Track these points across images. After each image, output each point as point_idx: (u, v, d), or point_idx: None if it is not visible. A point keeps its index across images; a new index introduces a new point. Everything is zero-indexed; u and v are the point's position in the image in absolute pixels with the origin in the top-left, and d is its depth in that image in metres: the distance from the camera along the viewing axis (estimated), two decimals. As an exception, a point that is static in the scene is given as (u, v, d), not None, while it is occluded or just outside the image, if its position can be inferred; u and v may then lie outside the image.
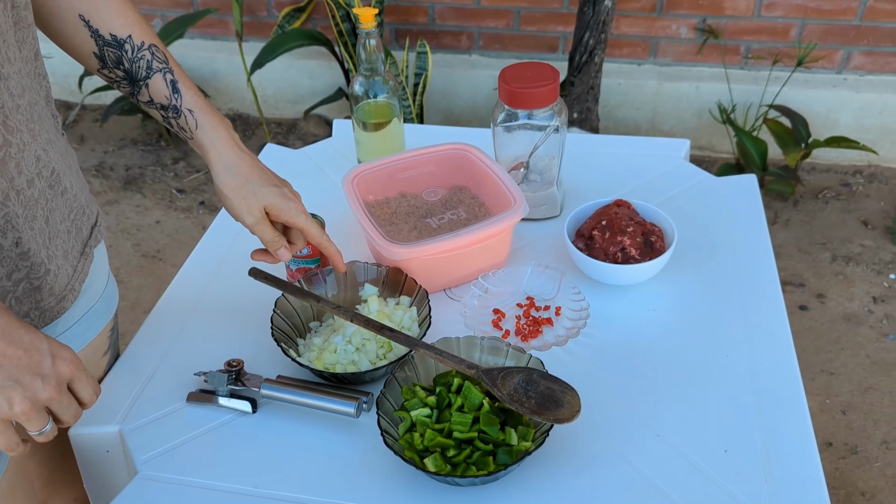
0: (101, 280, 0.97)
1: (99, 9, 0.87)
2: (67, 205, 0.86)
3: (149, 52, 0.89)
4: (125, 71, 0.89)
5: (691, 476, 0.83)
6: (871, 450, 1.87)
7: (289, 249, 0.98)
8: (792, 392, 0.91)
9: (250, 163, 0.94)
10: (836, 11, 2.52)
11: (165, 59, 0.91)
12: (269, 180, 0.95)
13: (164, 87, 0.90)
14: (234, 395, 0.93)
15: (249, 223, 0.94)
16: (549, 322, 1.02)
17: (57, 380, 0.72)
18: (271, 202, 0.94)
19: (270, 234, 0.95)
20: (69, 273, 0.87)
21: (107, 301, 0.99)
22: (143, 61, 0.89)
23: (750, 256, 1.10)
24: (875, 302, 2.24)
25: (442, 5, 2.73)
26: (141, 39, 0.89)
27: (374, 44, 1.19)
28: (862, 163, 2.72)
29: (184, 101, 0.91)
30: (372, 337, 0.96)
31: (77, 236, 0.89)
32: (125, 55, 0.89)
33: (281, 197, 0.94)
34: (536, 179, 1.19)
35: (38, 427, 0.72)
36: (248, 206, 0.93)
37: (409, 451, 0.83)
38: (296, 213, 0.95)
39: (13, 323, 0.69)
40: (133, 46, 0.89)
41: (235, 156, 0.93)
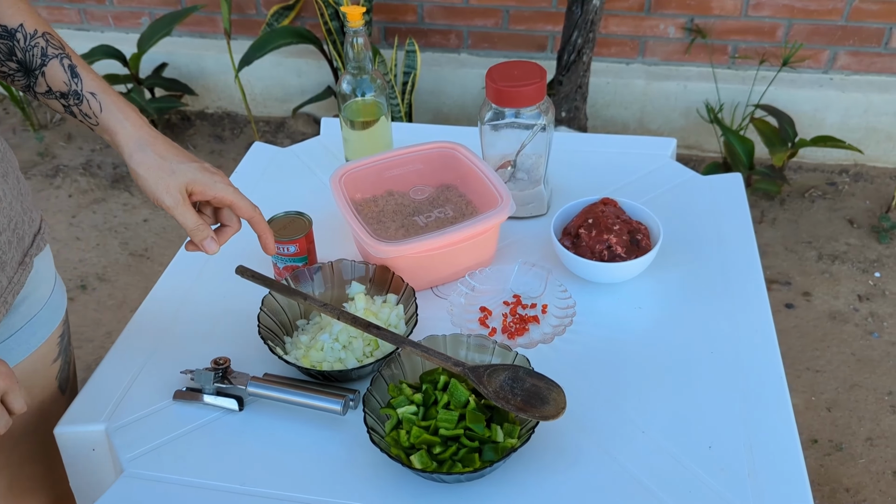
0: (45, 286, 0.94)
1: None
2: (3, 215, 0.83)
3: (42, 39, 0.84)
4: (18, 62, 0.84)
5: (676, 472, 0.84)
6: (856, 446, 1.88)
7: (216, 241, 0.90)
8: (776, 389, 0.92)
9: (164, 141, 0.87)
10: (823, 12, 2.54)
11: (61, 46, 0.85)
12: (186, 157, 0.88)
13: (61, 73, 0.84)
14: (220, 393, 0.93)
15: (169, 204, 0.86)
16: (535, 320, 1.03)
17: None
18: (192, 177, 0.86)
19: (193, 219, 0.87)
20: (3, 285, 0.84)
21: (53, 308, 0.95)
22: (37, 49, 0.84)
23: (735, 254, 1.11)
24: (860, 300, 2.26)
25: (431, 4, 2.73)
26: (34, 28, 0.84)
27: (362, 42, 1.19)
28: (848, 162, 2.74)
29: (84, 84, 0.85)
30: (359, 335, 0.96)
31: (17, 246, 0.86)
32: (17, 44, 0.83)
33: (202, 171, 0.87)
34: (523, 178, 1.20)
35: None
36: (166, 186, 0.85)
37: (396, 449, 0.83)
38: (222, 187, 0.88)
39: None
40: (25, 35, 0.83)
41: (147, 134, 0.86)
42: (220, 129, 3.03)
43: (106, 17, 3.03)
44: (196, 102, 3.07)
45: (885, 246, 2.43)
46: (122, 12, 3.00)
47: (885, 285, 2.30)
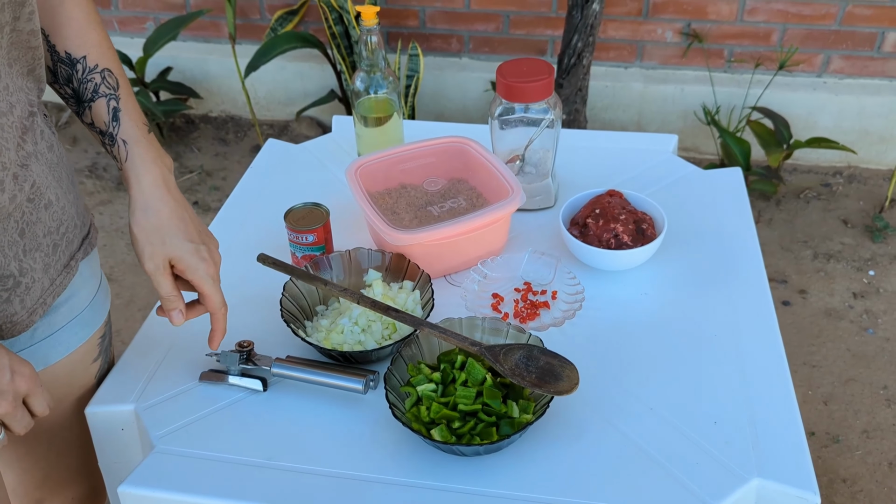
0: (90, 288, 0.96)
1: (60, 25, 0.86)
2: (53, 218, 0.85)
3: (99, 75, 0.88)
4: (73, 90, 0.88)
5: (683, 445, 0.88)
6: (853, 438, 1.93)
7: (183, 314, 0.91)
8: (776, 367, 0.96)
9: (173, 209, 0.88)
10: (816, 17, 2.59)
11: (115, 86, 0.88)
12: (186, 234, 0.88)
13: (104, 113, 0.88)
14: (245, 375, 0.97)
15: (149, 269, 0.87)
16: (545, 305, 1.07)
17: (14, 395, 0.75)
18: (178, 255, 0.87)
19: (167, 288, 0.88)
20: (44, 286, 0.86)
21: (95, 309, 0.97)
22: (91, 84, 0.87)
23: (735, 243, 1.16)
24: (855, 297, 2.31)
25: (433, 9, 2.78)
26: (95, 62, 0.88)
27: (376, 41, 1.23)
28: (841, 164, 2.79)
29: (121, 130, 0.88)
30: (377, 318, 1.00)
31: (65, 249, 0.88)
32: (75, 75, 0.87)
33: (192, 254, 0.88)
34: (532, 171, 1.24)
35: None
36: (151, 252, 0.87)
37: (417, 424, 0.87)
38: (202, 276, 0.89)
39: None
40: (85, 68, 0.87)
41: (158, 198, 0.88)
42: (224, 132, 3.07)
43: (111, 22, 3.07)
44: (200, 106, 3.11)
45: (879, 245, 2.48)
46: (127, 17, 3.04)
47: (879, 283, 2.35)
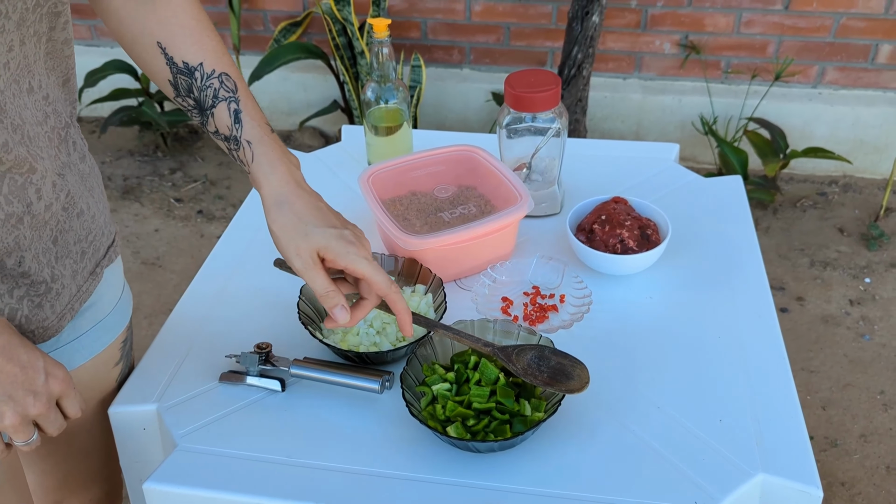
0: (113, 294, 0.98)
1: (174, 35, 0.85)
2: (84, 226, 0.87)
3: (217, 80, 0.86)
4: (195, 99, 0.87)
5: (691, 442, 0.91)
6: (850, 443, 1.96)
7: (347, 309, 0.86)
8: (777, 366, 0.99)
9: (307, 201, 0.86)
10: (811, 29, 2.64)
11: (234, 89, 0.87)
12: (326, 221, 0.85)
13: (226, 117, 0.86)
14: (263, 375, 1.00)
15: (299, 267, 0.84)
16: (554, 308, 1.10)
17: (48, 397, 0.77)
18: (325, 244, 0.83)
19: (323, 284, 0.84)
20: (72, 293, 0.87)
21: (118, 315, 0.99)
22: (210, 90, 0.86)
23: (737, 247, 1.19)
24: (851, 304, 2.35)
25: (434, 20, 2.83)
26: (212, 67, 0.86)
27: (387, 52, 1.27)
28: (837, 173, 2.84)
29: (244, 131, 0.86)
30: (392, 321, 1.03)
31: (92, 257, 0.90)
32: (195, 83, 0.86)
33: (337, 238, 0.84)
34: (538, 179, 1.28)
35: (25, 439, 0.77)
36: (296, 248, 0.84)
37: (432, 422, 0.90)
38: (355, 258, 0.84)
39: (13, 341, 0.74)
40: (203, 74, 0.86)
41: (290, 192, 0.86)
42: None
43: (116, 34, 3.11)
44: (204, 116, 3.14)
45: (874, 253, 2.53)
46: (132, 29, 3.08)
47: (875, 290, 2.39)
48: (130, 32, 0.87)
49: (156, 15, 0.86)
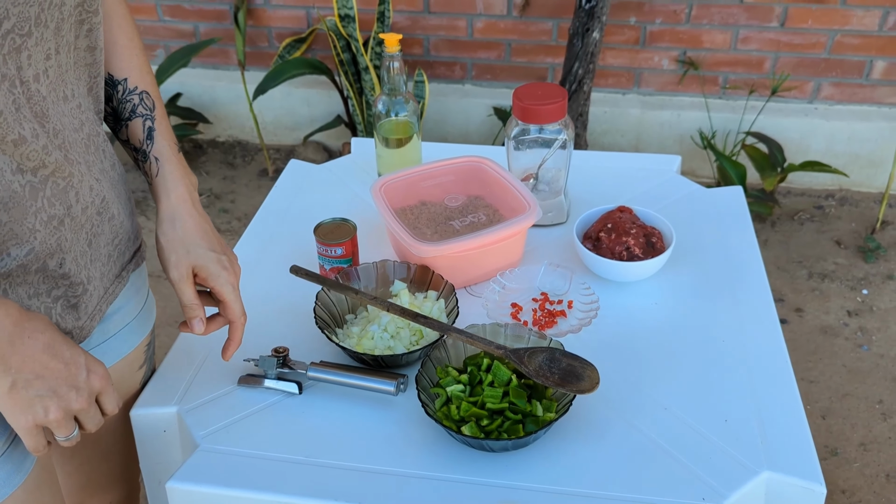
0: (139, 298, 1.02)
1: (105, 50, 0.91)
2: (113, 231, 0.91)
3: (137, 97, 0.94)
4: (112, 108, 0.94)
5: (697, 441, 0.94)
6: (850, 451, 1.99)
7: (204, 322, 0.95)
8: (780, 368, 1.03)
9: (197, 221, 0.94)
10: (807, 45, 2.70)
11: (152, 107, 0.94)
12: (209, 244, 0.93)
13: (140, 132, 0.94)
14: (281, 378, 1.03)
15: (173, 278, 0.92)
16: (562, 314, 1.13)
17: (89, 392, 0.79)
18: (201, 264, 0.92)
19: (190, 296, 0.93)
20: (100, 294, 0.91)
21: (143, 319, 1.04)
22: (129, 104, 0.93)
23: (739, 254, 1.23)
24: (850, 315, 2.38)
25: (437, 37, 2.88)
26: (135, 84, 0.94)
27: (397, 66, 1.31)
28: (834, 187, 2.88)
29: (154, 148, 0.94)
30: (405, 325, 1.06)
31: (118, 260, 0.94)
32: (115, 94, 0.93)
33: (214, 262, 0.93)
34: (545, 189, 1.31)
35: (66, 434, 0.79)
36: (176, 260, 0.92)
37: (447, 422, 0.93)
38: (224, 283, 0.93)
39: (57, 338, 0.77)
40: (125, 89, 0.93)
41: (184, 210, 0.93)
42: (232, 156, 3.14)
43: (122, 50, 3.15)
44: (209, 131, 3.19)
45: (871, 265, 2.56)
46: (139, 45, 3.12)
47: (873, 302, 2.43)
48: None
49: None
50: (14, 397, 0.74)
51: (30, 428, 0.76)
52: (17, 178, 0.75)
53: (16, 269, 0.79)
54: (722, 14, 2.67)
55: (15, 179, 0.75)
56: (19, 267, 0.79)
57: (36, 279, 0.81)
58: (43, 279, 0.82)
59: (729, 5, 2.65)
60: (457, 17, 2.82)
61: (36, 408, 0.75)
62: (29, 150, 0.75)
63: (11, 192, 0.75)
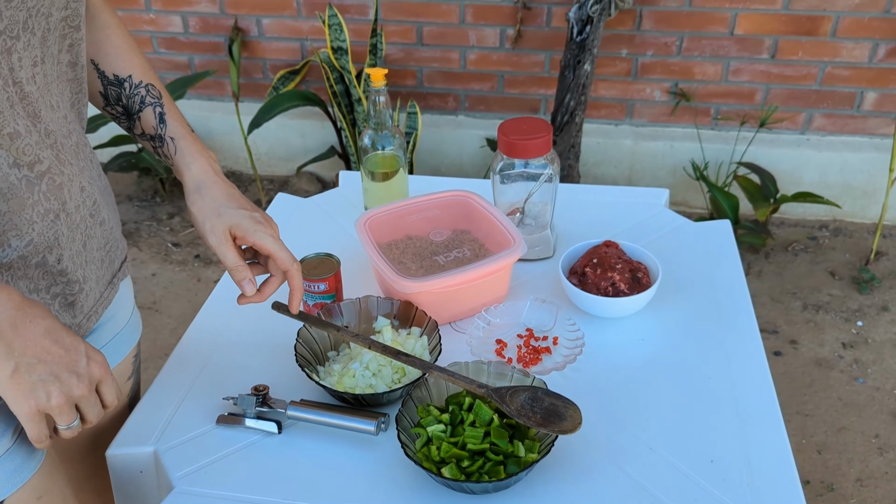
0: (127, 309, 1.06)
1: (107, 53, 0.97)
2: (104, 235, 0.95)
3: (144, 89, 0.98)
4: (123, 106, 0.99)
5: (682, 483, 0.92)
6: (847, 487, 1.96)
7: (253, 283, 0.97)
8: (768, 407, 1.01)
9: (223, 187, 0.97)
10: (798, 77, 2.71)
11: (159, 96, 0.99)
12: (238, 203, 0.96)
13: (152, 119, 0.98)
14: (260, 417, 1.01)
15: (212, 243, 0.94)
16: (547, 350, 1.12)
17: (90, 379, 0.80)
18: (236, 222, 0.94)
19: (233, 258, 0.95)
20: (96, 297, 0.95)
21: (132, 329, 1.07)
22: (137, 97, 0.98)
23: (727, 290, 1.21)
24: (844, 347, 2.37)
25: (430, 69, 2.89)
26: (140, 79, 0.99)
27: (383, 101, 1.31)
28: (827, 218, 2.88)
29: (168, 130, 0.98)
30: (387, 363, 1.05)
31: (109, 266, 0.98)
32: (123, 92, 0.98)
33: (247, 218, 0.95)
34: (531, 223, 1.30)
35: (68, 421, 0.79)
36: (211, 226, 0.94)
37: (427, 463, 0.91)
38: (262, 235, 0.94)
39: (57, 324, 0.77)
40: (131, 84, 0.98)
41: (209, 179, 0.97)
42: (226, 187, 3.14)
43: (118, 82, 3.17)
44: (202, 162, 3.19)
45: (866, 296, 2.55)
46: (134, 77, 3.14)
47: (868, 333, 2.41)
48: None
49: (89, 37, 0.96)
50: (17, 381, 0.75)
51: (32, 414, 0.77)
52: (13, 171, 0.78)
53: (17, 259, 0.82)
54: (713, 46, 2.69)
55: (12, 173, 0.78)
56: (20, 258, 0.82)
57: (36, 274, 0.84)
58: (42, 274, 0.85)
59: (719, 38, 2.67)
60: (450, 49, 2.84)
61: (38, 392, 0.76)
62: (23, 144, 0.78)
63: (9, 184, 0.78)
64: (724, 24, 2.65)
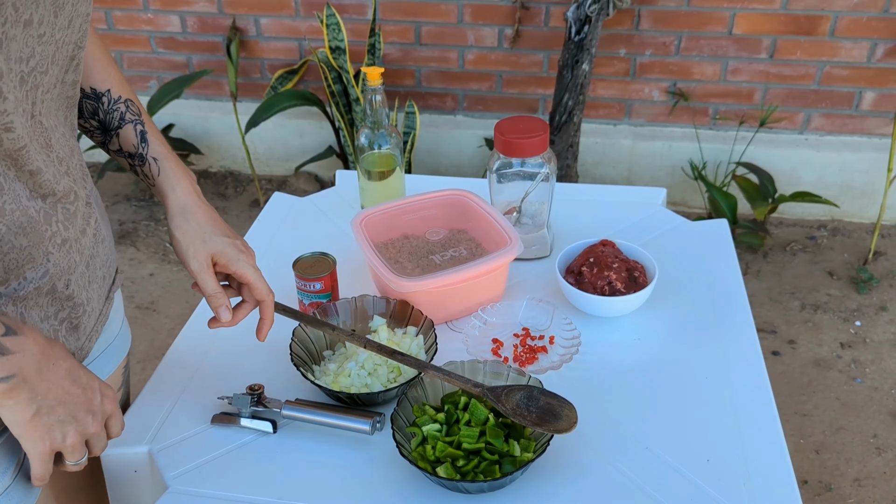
0: (118, 320, 1.04)
1: (84, 66, 0.92)
2: (104, 253, 0.93)
3: (123, 105, 0.95)
4: (99, 121, 0.95)
5: (678, 482, 0.92)
6: (845, 487, 1.95)
7: (230, 310, 0.96)
8: (764, 406, 1.01)
9: (206, 212, 0.97)
10: (796, 77, 2.71)
11: (138, 112, 0.97)
12: (222, 230, 0.96)
13: (133, 137, 0.95)
14: (255, 417, 1.01)
15: (194, 269, 0.94)
16: (543, 350, 1.11)
17: (102, 415, 0.80)
18: (219, 249, 0.95)
19: (213, 285, 0.95)
20: (96, 316, 0.93)
21: (122, 340, 1.05)
22: (116, 113, 0.95)
23: (723, 289, 1.21)
24: (843, 347, 2.36)
25: (428, 69, 2.89)
26: (118, 94, 0.96)
27: (380, 99, 1.30)
28: (826, 217, 2.87)
29: (150, 150, 0.96)
30: (383, 362, 1.05)
31: (107, 281, 0.96)
32: (101, 107, 0.95)
33: (230, 247, 0.95)
34: (528, 223, 1.30)
35: (78, 458, 0.80)
36: (194, 251, 0.94)
37: (422, 462, 0.90)
38: (244, 265, 0.95)
39: (76, 364, 0.78)
40: (109, 99, 0.95)
41: (192, 202, 0.96)
42: (224, 187, 3.14)
43: (116, 81, 3.16)
44: (200, 161, 3.19)
45: (864, 296, 2.55)
46: (132, 76, 3.14)
47: (866, 333, 2.41)
48: None
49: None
50: (36, 423, 0.74)
51: (45, 454, 0.77)
52: (32, 203, 0.78)
53: (32, 292, 0.80)
54: (711, 46, 2.68)
55: (31, 205, 0.77)
56: (35, 290, 0.81)
57: (46, 301, 0.83)
58: (52, 301, 0.84)
59: (718, 37, 2.67)
60: (448, 49, 2.84)
61: (55, 433, 0.76)
62: (43, 179, 0.77)
63: (28, 217, 0.77)
64: (722, 24, 2.64)
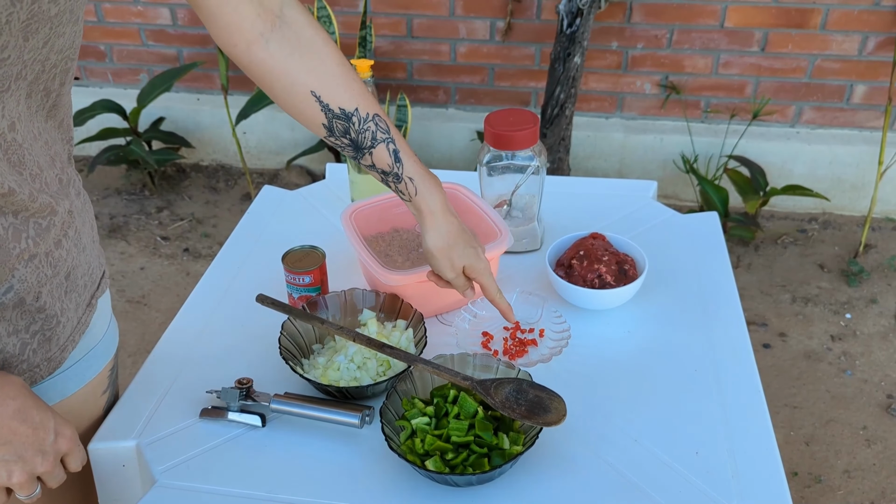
0: (103, 323, 1.01)
1: (328, 84, 0.94)
2: (86, 261, 0.91)
3: (373, 123, 0.96)
4: (351, 139, 0.97)
5: (667, 475, 0.92)
6: (834, 478, 1.97)
7: (474, 290, 1.09)
8: (753, 399, 1.01)
9: (457, 226, 1.03)
10: (787, 70, 2.71)
11: (388, 129, 0.97)
12: (468, 242, 1.04)
13: (387, 157, 0.98)
14: (244, 411, 1.00)
15: (450, 277, 1.05)
16: (533, 343, 1.11)
17: (55, 455, 0.80)
18: (469, 263, 1.04)
19: (464, 284, 1.07)
20: (74, 325, 0.91)
21: (107, 343, 1.02)
22: (368, 133, 0.96)
23: (713, 282, 1.21)
24: (833, 340, 2.37)
25: (420, 62, 2.88)
26: (367, 111, 0.96)
27: (370, 92, 1.29)
28: (816, 211, 2.88)
29: (405, 169, 0.99)
30: (372, 356, 1.04)
31: (88, 288, 0.94)
32: (352, 126, 0.95)
33: (476, 259, 1.04)
34: (518, 216, 1.30)
35: (28, 493, 0.81)
36: (451, 265, 1.03)
37: (411, 456, 0.90)
38: (485, 274, 1.05)
39: (28, 402, 0.78)
40: (360, 119, 0.95)
41: (447, 221, 1.02)
42: (215, 180, 3.13)
43: (105, 74, 3.15)
44: (191, 155, 3.17)
45: (854, 289, 2.56)
46: (122, 69, 3.12)
47: (856, 326, 2.42)
48: (281, 83, 0.94)
49: (304, 64, 0.93)
50: None
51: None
52: (0, 220, 0.76)
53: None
54: (703, 39, 2.68)
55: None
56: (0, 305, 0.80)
57: (14, 315, 0.81)
58: (21, 315, 0.82)
59: (709, 30, 2.66)
60: (440, 42, 2.83)
61: (0, 472, 0.77)
62: (16, 199, 0.76)
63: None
64: (714, 17, 2.64)
